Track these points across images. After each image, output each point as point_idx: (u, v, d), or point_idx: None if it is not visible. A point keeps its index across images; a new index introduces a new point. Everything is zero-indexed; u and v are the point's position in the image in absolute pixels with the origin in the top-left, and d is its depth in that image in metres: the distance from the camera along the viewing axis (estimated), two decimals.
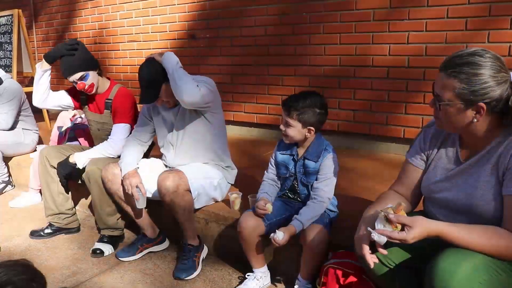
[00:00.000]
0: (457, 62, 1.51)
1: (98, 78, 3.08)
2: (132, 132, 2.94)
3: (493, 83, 1.46)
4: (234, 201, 2.76)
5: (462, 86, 1.48)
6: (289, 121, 2.22)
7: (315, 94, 2.26)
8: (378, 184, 3.09)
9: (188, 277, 2.57)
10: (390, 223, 1.53)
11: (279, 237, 2.10)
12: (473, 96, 1.48)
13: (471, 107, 1.51)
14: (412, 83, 3.76)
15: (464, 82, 1.48)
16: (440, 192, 1.71)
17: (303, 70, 4.36)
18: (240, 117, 4.93)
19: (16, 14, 5.64)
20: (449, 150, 1.73)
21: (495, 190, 1.55)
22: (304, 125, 2.22)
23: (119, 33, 5.84)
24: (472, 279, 1.38)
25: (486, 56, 1.49)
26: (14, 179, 4.33)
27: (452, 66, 1.51)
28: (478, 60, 1.48)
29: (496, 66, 1.47)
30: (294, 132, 2.24)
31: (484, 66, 1.47)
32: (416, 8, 3.66)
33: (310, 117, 2.20)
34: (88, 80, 3.01)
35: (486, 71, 1.46)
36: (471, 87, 1.47)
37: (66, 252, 2.98)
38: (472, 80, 1.47)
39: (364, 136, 4.14)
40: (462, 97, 1.50)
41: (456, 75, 1.49)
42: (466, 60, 1.49)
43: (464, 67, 1.48)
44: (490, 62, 1.47)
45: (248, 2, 4.61)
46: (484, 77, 1.46)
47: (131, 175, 2.65)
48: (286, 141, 2.32)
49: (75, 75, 2.99)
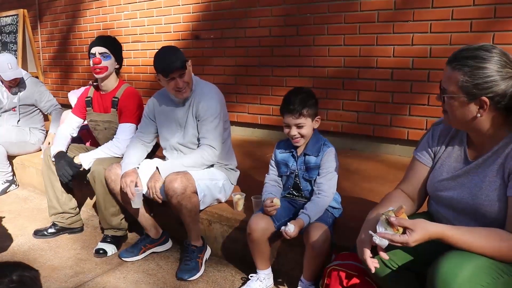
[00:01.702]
0: (463, 55, 1.52)
1: (113, 70, 3.10)
2: (136, 133, 2.95)
3: (497, 77, 1.46)
4: (238, 202, 2.76)
5: (465, 79, 1.49)
6: (301, 122, 2.26)
7: (302, 88, 2.38)
8: (381, 186, 3.08)
9: (191, 278, 2.57)
10: (392, 226, 1.52)
11: (290, 230, 2.13)
12: (476, 89, 1.48)
13: (474, 101, 1.51)
14: (416, 85, 3.75)
15: (468, 75, 1.49)
16: (445, 191, 1.71)
17: (307, 71, 4.36)
18: (244, 118, 4.92)
19: (21, 14, 5.67)
20: (457, 148, 1.72)
21: (500, 191, 1.54)
22: (313, 118, 2.30)
23: (123, 33, 5.86)
24: (474, 281, 1.37)
25: (492, 51, 1.49)
26: (18, 178, 4.34)
27: (457, 59, 1.53)
28: (484, 54, 1.49)
29: (502, 61, 1.48)
30: (308, 129, 2.30)
31: (488, 60, 1.47)
32: (421, 9, 3.65)
33: (313, 108, 2.29)
34: (107, 61, 3.02)
35: (491, 65, 1.47)
36: (474, 80, 1.48)
37: (69, 252, 2.98)
38: (475, 73, 1.48)
39: (368, 137, 4.13)
40: (465, 90, 1.50)
41: (460, 67, 1.50)
42: (472, 53, 1.50)
43: (469, 60, 1.49)
44: (496, 57, 1.48)
45: (253, 3, 4.61)
46: (488, 71, 1.47)
47: (128, 174, 2.66)
48: (301, 143, 2.34)
49: (101, 48, 3.01)
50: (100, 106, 3.18)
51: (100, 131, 3.22)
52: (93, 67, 3.01)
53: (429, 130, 1.86)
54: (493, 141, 1.58)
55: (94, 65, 3.00)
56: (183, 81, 2.62)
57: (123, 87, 3.14)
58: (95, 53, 3.00)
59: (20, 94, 4.19)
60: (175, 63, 2.57)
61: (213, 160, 2.71)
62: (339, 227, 2.39)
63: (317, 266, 2.22)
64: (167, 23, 5.35)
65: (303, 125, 2.26)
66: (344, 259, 2.06)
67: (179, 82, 2.61)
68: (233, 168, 2.94)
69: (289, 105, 2.27)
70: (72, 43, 6.65)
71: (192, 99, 2.73)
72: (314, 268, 2.23)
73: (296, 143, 2.33)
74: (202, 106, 2.68)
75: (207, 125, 2.68)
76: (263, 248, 2.34)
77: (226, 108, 2.84)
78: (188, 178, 2.55)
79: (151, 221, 2.91)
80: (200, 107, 2.68)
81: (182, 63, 2.59)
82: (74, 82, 6.73)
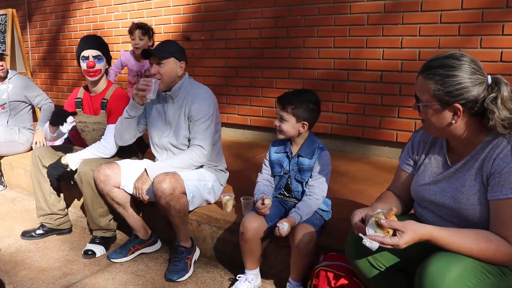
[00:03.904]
0: (433, 64, 1.56)
1: (104, 72, 3.09)
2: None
3: (468, 84, 1.50)
4: (227, 203, 2.76)
5: (437, 87, 1.53)
6: (284, 116, 2.30)
7: (309, 91, 2.38)
8: (370, 188, 3.10)
9: (180, 279, 2.57)
10: (381, 228, 1.53)
11: (284, 228, 2.16)
12: (448, 97, 1.52)
13: (447, 108, 1.55)
14: (405, 87, 3.79)
15: (439, 83, 1.53)
16: (427, 195, 1.74)
17: (297, 73, 4.38)
18: (234, 120, 4.93)
19: (10, 13, 5.63)
20: (438, 154, 1.76)
21: (480, 195, 1.57)
22: (298, 120, 2.30)
23: (113, 34, 5.84)
24: (462, 282, 1.39)
25: (461, 58, 1.53)
26: (5, 179, 4.31)
27: (428, 68, 1.57)
28: (453, 62, 1.52)
29: (471, 68, 1.51)
30: (288, 127, 2.31)
31: (458, 68, 1.51)
32: (410, 13, 3.68)
33: (304, 111, 2.29)
34: (100, 64, 3.01)
35: (460, 72, 1.51)
36: (445, 88, 1.52)
37: (57, 253, 2.96)
38: (446, 81, 1.52)
39: (357, 139, 4.16)
40: (438, 98, 1.54)
41: (431, 77, 1.55)
42: (441, 62, 1.54)
43: (439, 69, 1.53)
44: (465, 64, 1.51)
45: (243, 5, 4.63)
46: (458, 78, 1.50)
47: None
48: (280, 137, 2.38)
49: (95, 51, 2.99)
50: (90, 107, 3.16)
51: (88, 132, 3.20)
52: (86, 70, 2.97)
53: (411, 138, 1.91)
54: (470, 145, 1.62)
55: (88, 68, 2.97)
56: (157, 70, 2.65)
57: (112, 88, 3.12)
58: (88, 56, 2.96)
59: (8, 90, 4.17)
60: (159, 50, 2.66)
61: (202, 160, 2.71)
62: (327, 228, 2.41)
63: (304, 267, 2.23)
64: (157, 24, 5.34)
65: (285, 120, 2.30)
66: (332, 260, 2.07)
67: (153, 68, 2.66)
68: (223, 170, 2.95)
69: (283, 95, 2.35)
70: (62, 44, 6.61)
71: (185, 99, 2.73)
72: (301, 268, 2.24)
73: (277, 134, 2.38)
74: (195, 107, 2.69)
75: (199, 126, 2.69)
76: (254, 247, 2.35)
77: (218, 111, 2.85)
78: (177, 178, 2.55)
79: (140, 222, 2.90)
80: (193, 108, 2.69)
81: (164, 54, 2.65)
82: (63, 83, 6.70)
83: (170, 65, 2.68)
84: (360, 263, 1.75)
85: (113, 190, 2.74)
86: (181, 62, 2.72)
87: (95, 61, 2.97)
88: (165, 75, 2.67)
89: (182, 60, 2.73)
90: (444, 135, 1.69)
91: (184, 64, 2.75)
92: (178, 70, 2.71)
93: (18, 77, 4.29)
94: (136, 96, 2.64)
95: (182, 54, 2.74)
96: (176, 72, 2.71)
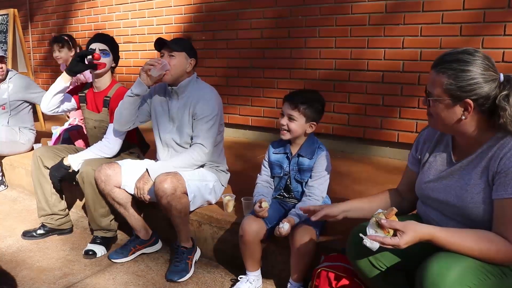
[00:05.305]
0: (447, 59, 1.56)
1: (110, 68, 3.10)
2: None
3: (480, 80, 1.50)
4: (228, 203, 2.76)
5: (449, 82, 1.53)
6: (294, 115, 2.27)
7: (316, 92, 2.38)
8: (371, 188, 3.09)
9: (180, 279, 2.57)
10: (382, 228, 1.53)
11: (285, 228, 2.15)
12: (460, 92, 1.52)
13: (459, 103, 1.54)
14: (406, 88, 3.78)
15: (452, 77, 1.52)
16: (431, 193, 1.73)
17: (298, 73, 4.38)
18: (235, 120, 4.93)
19: (12, 13, 5.63)
20: (443, 152, 1.75)
21: (485, 194, 1.56)
22: (307, 120, 2.29)
23: (115, 34, 5.83)
24: (462, 282, 1.39)
25: (475, 54, 1.53)
26: (7, 179, 4.31)
27: (441, 63, 1.57)
28: (467, 57, 1.53)
29: (484, 64, 1.52)
30: (297, 126, 2.29)
31: (472, 63, 1.51)
32: (412, 13, 3.68)
33: (314, 112, 2.28)
34: (106, 58, 3.02)
35: (474, 68, 1.51)
36: (458, 82, 1.51)
37: (58, 253, 2.96)
38: (459, 76, 1.51)
39: (358, 140, 4.15)
40: (450, 93, 1.54)
41: (444, 71, 1.54)
42: (455, 57, 1.54)
43: (453, 63, 1.53)
44: (479, 60, 1.52)
45: (245, 5, 4.63)
46: (472, 73, 1.50)
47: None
48: (286, 137, 2.34)
49: (101, 45, 3.01)
50: (93, 104, 3.16)
51: (89, 129, 3.21)
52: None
53: (418, 136, 1.91)
54: (478, 143, 1.61)
55: (95, 59, 2.98)
56: (168, 61, 2.66)
57: (115, 86, 3.13)
58: (96, 49, 2.99)
59: (9, 89, 4.18)
60: (172, 42, 2.71)
61: (203, 160, 2.71)
62: (328, 229, 2.40)
63: (304, 267, 2.23)
64: (159, 24, 5.34)
65: (295, 119, 2.28)
66: (333, 260, 2.07)
67: (163, 59, 2.69)
68: (224, 170, 2.94)
69: (293, 94, 2.32)
70: None
71: (190, 98, 2.73)
72: (302, 269, 2.23)
73: (282, 135, 2.34)
74: (200, 106, 2.70)
75: (202, 125, 2.69)
76: (254, 250, 2.34)
77: (222, 111, 2.85)
78: (178, 178, 2.55)
79: (141, 222, 2.90)
80: (198, 107, 2.70)
81: (177, 47, 2.69)
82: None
83: (180, 59, 2.69)
84: (361, 263, 1.74)
85: (114, 190, 2.74)
86: (191, 59, 2.74)
87: (101, 54, 2.99)
88: (174, 67, 2.67)
89: (192, 57, 2.75)
90: (451, 132, 1.69)
91: (194, 61, 2.77)
92: (187, 66, 2.73)
93: (19, 76, 4.29)
94: (142, 71, 2.67)
95: (194, 52, 2.77)
96: (185, 68, 2.72)
